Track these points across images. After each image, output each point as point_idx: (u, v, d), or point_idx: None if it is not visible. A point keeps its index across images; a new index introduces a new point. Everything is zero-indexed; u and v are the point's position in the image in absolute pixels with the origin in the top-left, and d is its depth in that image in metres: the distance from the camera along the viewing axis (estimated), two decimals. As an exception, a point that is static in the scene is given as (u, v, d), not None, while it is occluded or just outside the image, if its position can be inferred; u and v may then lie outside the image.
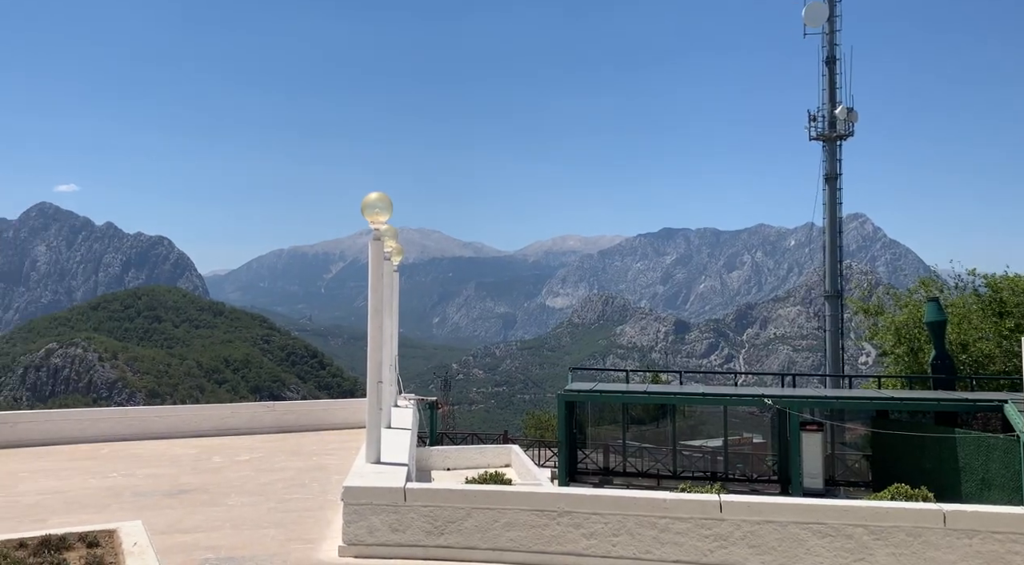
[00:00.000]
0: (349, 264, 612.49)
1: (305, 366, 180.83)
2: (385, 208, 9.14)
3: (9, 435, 13.99)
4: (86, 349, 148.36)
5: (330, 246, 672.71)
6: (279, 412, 16.54)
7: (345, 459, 12.95)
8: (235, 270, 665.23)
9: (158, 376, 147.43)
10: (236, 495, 10.21)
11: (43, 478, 11.29)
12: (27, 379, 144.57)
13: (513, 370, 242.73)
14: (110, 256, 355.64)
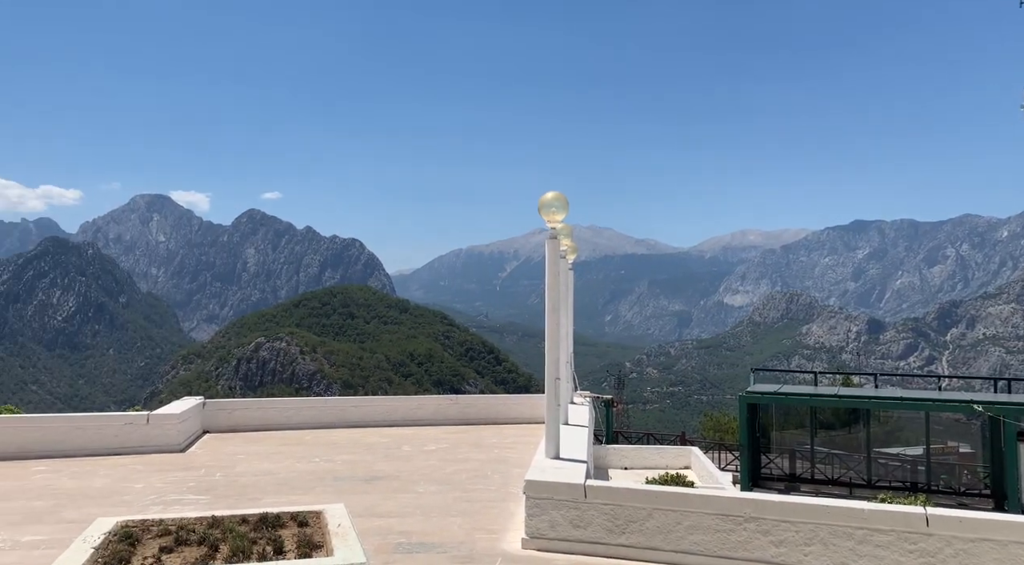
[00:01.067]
0: (522, 263, 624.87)
1: (482, 361, 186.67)
2: (561, 207, 9.24)
3: (227, 421, 15.53)
4: (289, 343, 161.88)
5: (504, 246, 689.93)
6: (461, 405, 17.19)
7: (524, 453, 13.24)
8: (418, 269, 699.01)
9: (351, 368, 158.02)
10: (424, 483, 10.73)
11: (256, 461, 12.44)
12: (240, 370, 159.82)
13: (689, 370, 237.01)
14: (309, 257, 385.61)
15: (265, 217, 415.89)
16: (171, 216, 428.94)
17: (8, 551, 7.38)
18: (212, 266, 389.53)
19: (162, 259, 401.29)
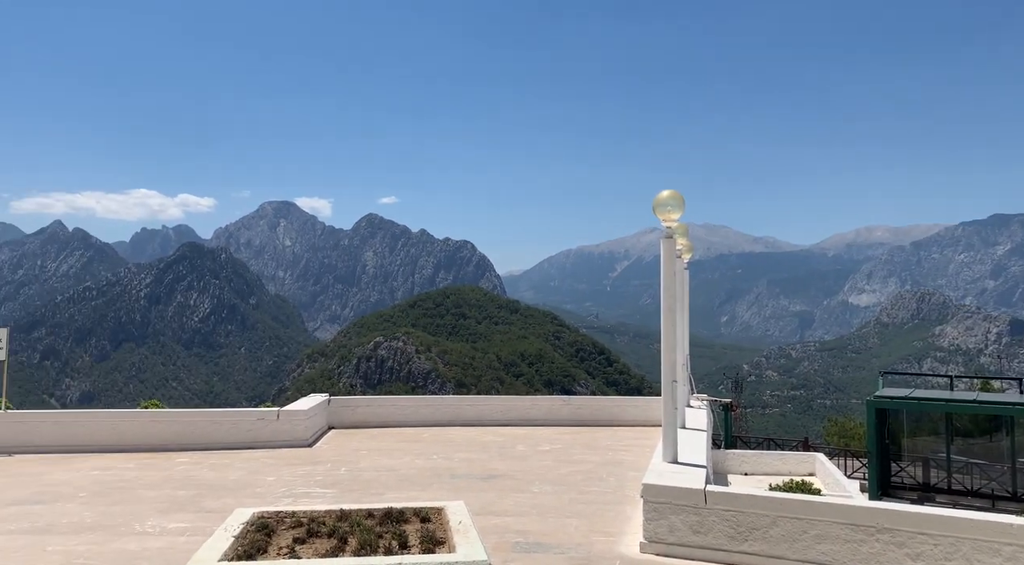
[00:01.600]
0: (633, 263, 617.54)
1: (593, 362, 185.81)
2: (677, 206, 9.07)
3: (350, 417, 16.15)
4: (406, 342, 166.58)
5: (615, 245, 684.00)
6: (574, 406, 17.17)
7: (639, 456, 13.08)
8: (528, 270, 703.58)
9: (464, 368, 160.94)
10: (540, 483, 10.79)
11: (378, 457, 12.87)
12: (360, 368, 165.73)
13: (811, 373, 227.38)
14: (424, 259, 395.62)
15: (382, 221, 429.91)
16: (296, 221, 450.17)
17: (157, 536, 7.95)
18: (334, 269, 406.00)
19: (288, 262, 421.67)
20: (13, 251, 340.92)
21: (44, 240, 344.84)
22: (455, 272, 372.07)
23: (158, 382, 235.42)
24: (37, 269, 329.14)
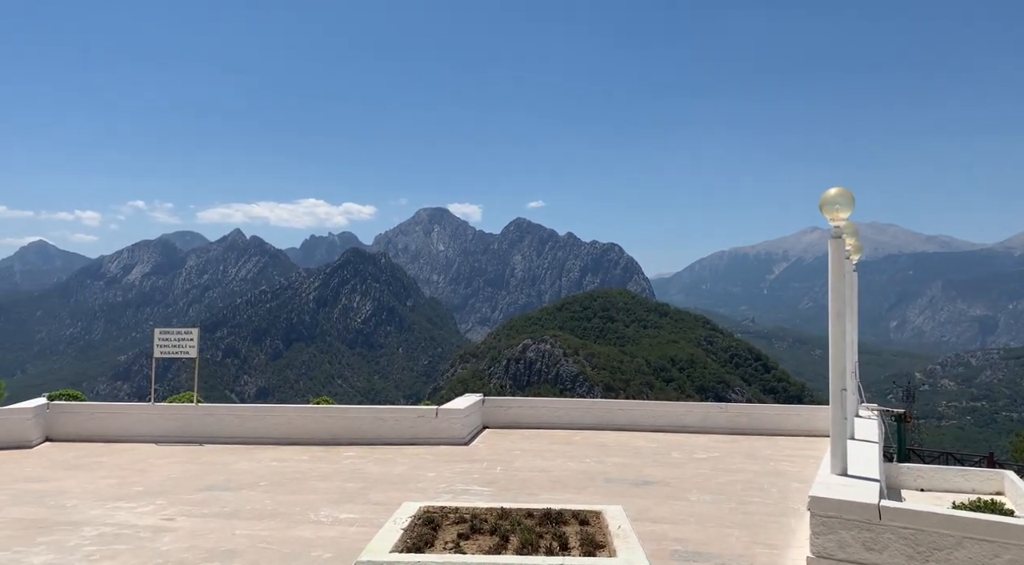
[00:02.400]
0: (792, 264, 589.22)
1: (749, 368, 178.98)
2: (846, 203, 8.57)
3: (504, 418, 16.48)
4: (553, 345, 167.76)
5: (772, 246, 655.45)
6: (731, 413, 16.63)
7: (803, 467, 12.48)
8: (679, 272, 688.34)
9: (612, 372, 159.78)
10: (697, 492, 10.53)
11: (531, 457, 13.05)
12: (509, 369, 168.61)
13: (995, 383, 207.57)
14: (571, 262, 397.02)
15: (530, 225, 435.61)
16: (449, 227, 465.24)
17: (330, 525, 8.46)
18: (484, 272, 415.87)
19: (442, 266, 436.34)
20: (199, 257, 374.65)
21: (225, 247, 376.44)
22: (602, 275, 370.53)
23: (325, 379, 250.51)
24: (220, 274, 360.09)
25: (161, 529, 8.20)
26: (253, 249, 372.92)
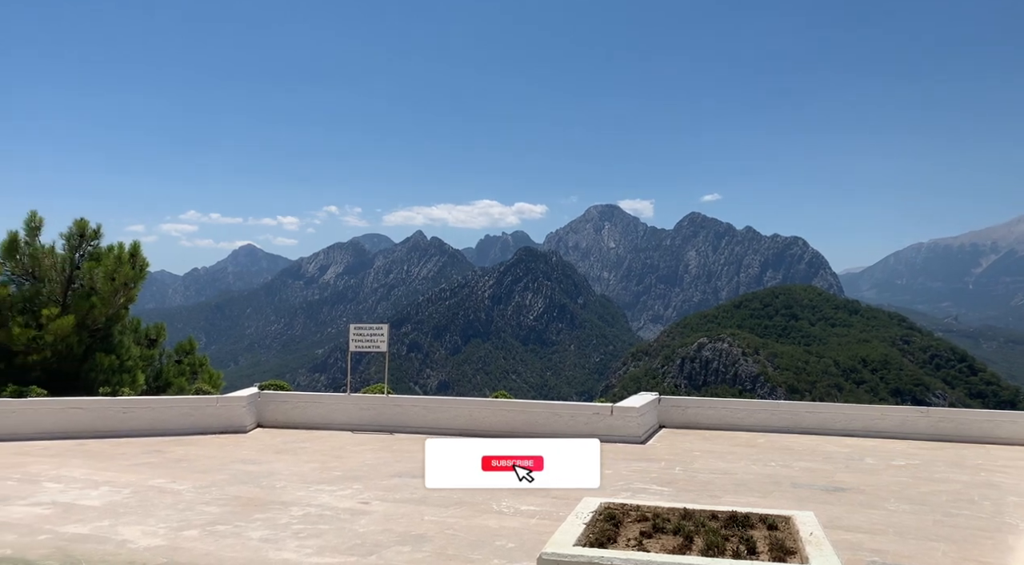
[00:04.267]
0: (1003, 256, 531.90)
1: (951, 370, 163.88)
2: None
3: (680, 417, 16.16)
4: (731, 344, 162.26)
5: (978, 237, 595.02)
6: (934, 419, 15.31)
7: (1020, 479, 11.28)
8: (870, 267, 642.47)
9: (796, 372, 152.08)
10: (895, 501, 9.80)
11: (712, 459, 12.70)
12: (684, 368, 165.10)
13: None
14: (750, 258, 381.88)
15: (705, 219, 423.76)
16: (620, 224, 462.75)
17: (512, 516, 8.70)
18: (656, 269, 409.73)
19: (612, 264, 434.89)
20: (386, 258, 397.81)
21: (409, 248, 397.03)
22: (784, 270, 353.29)
23: (500, 374, 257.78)
24: (404, 273, 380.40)
25: (358, 512, 8.80)
26: (433, 249, 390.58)
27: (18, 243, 15.98)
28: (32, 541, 7.46)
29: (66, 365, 15.94)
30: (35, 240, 16.18)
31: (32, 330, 15.17)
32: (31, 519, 8.29)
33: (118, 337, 17.06)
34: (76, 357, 16.02)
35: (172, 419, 14.50)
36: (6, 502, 9.03)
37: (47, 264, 16.10)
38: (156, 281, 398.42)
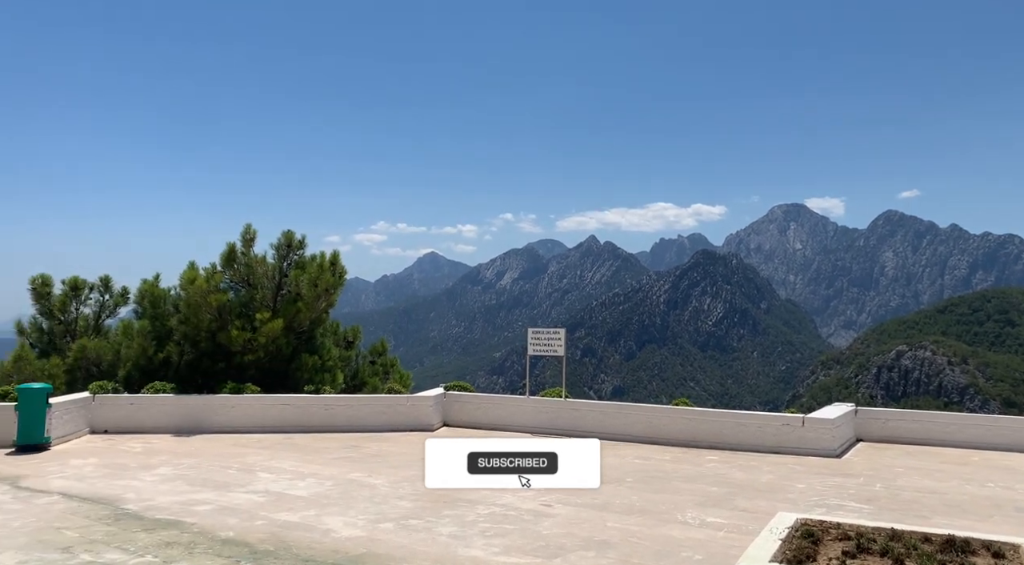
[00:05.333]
0: None
1: None
2: None
3: (880, 431, 14.98)
4: (934, 352, 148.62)
5: None
6: None
7: None
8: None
9: (1014, 384, 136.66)
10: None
11: (917, 476, 11.67)
12: (880, 378, 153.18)
13: None
14: (955, 258, 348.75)
15: (903, 217, 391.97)
16: (807, 224, 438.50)
17: (697, 527, 8.45)
18: (848, 271, 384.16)
19: (799, 266, 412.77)
20: (559, 263, 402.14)
21: (582, 253, 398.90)
22: (998, 272, 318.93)
23: (677, 381, 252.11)
24: (577, 278, 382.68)
25: (541, 514, 8.91)
26: (606, 254, 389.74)
27: (235, 253, 17.70)
28: (251, 526, 8.21)
29: (276, 365, 17.43)
30: (250, 251, 17.84)
31: (247, 333, 16.73)
32: (249, 506, 9.13)
33: (320, 339, 18.42)
34: (284, 357, 17.47)
35: (368, 416, 15.44)
36: (228, 489, 10.01)
37: (260, 272, 17.71)
38: (351, 287, 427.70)
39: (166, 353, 16.97)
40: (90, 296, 18.22)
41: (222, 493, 9.72)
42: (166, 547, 7.35)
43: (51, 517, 8.47)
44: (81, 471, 11.12)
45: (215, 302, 16.61)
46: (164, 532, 7.89)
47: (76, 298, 18.08)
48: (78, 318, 18.01)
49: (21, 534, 7.80)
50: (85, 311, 18.22)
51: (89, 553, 7.13)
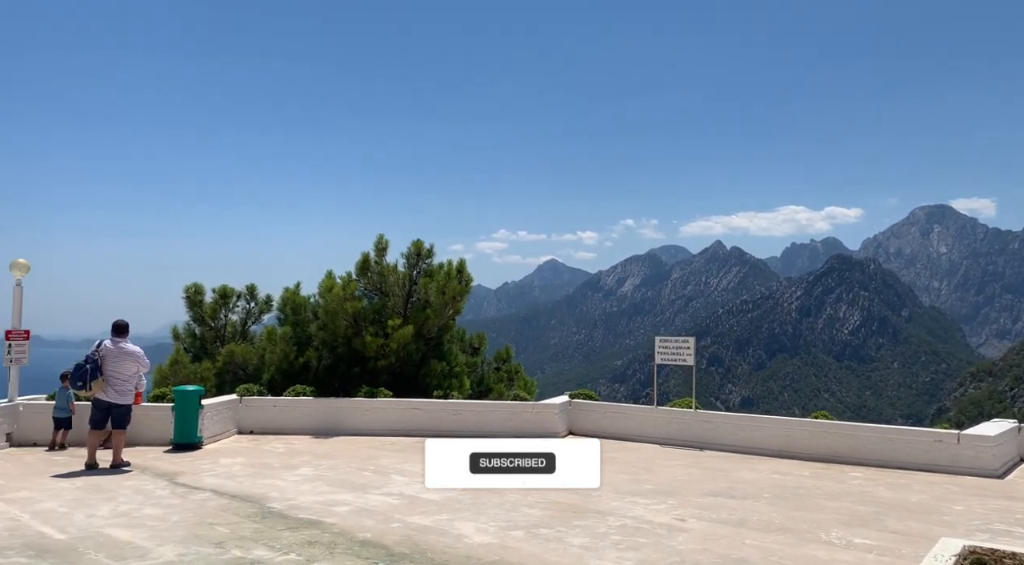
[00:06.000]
0: None
1: None
2: None
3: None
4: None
5: None
6: None
7: None
8: None
9: None
10: None
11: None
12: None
13: None
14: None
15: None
16: (952, 226, 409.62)
17: (843, 548, 7.95)
18: (1001, 276, 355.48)
19: (944, 271, 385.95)
20: (683, 270, 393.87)
21: (707, 259, 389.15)
22: None
23: (811, 392, 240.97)
24: (702, 284, 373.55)
25: (674, 528, 8.65)
26: (733, 260, 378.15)
27: (369, 263, 18.35)
28: (386, 528, 8.42)
29: (406, 370, 17.91)
30: (382, 260, 18.45)
31: (380, 339, 17.28)
32: (385, 508, 9.38)
33: (448, 345, 18.79)
34: (414, 363, 17.93)
35: (494, 422, 15.58)
36: (365, 491, 10.33)
37: (391, 280, 18.28)
38: (472, 294, 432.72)
39: (306, 358, 17.78)
40: (237, 303, 19.41)
41: (359, 494, 10.04)
42: (308, 546, 7.64)
43: (204, 513, 9.00)
44: (230, 470, 11.79)
45: (351, 309, 17.27)
46: (306, 531, 8.22)
47: (225, 305, 19.29)
48: (226, 324, 19.21)
49: (179, 528, 8.33)
50: (232, 318, 19.39)
51: (239, 549, 7.51)
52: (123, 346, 11.81)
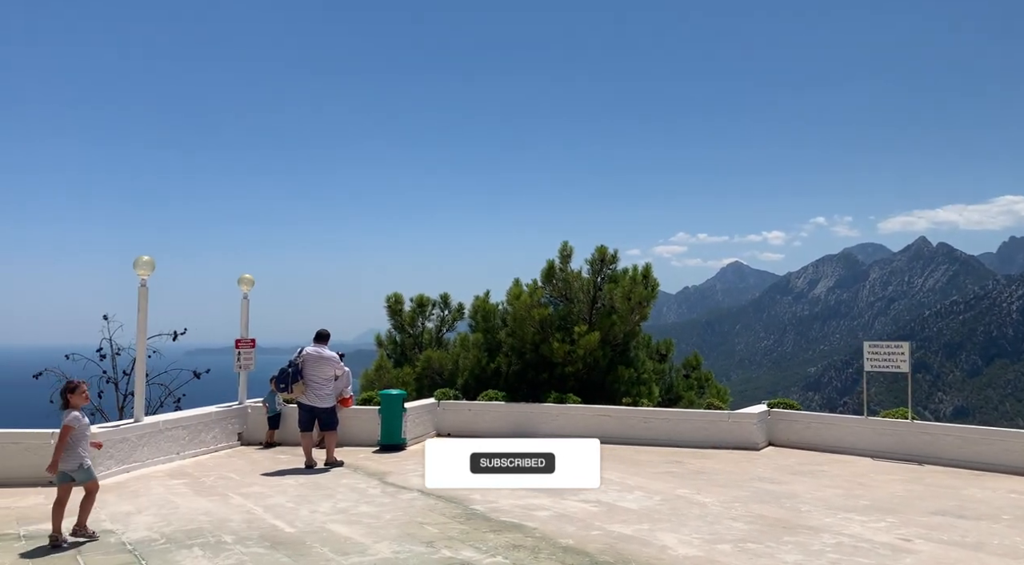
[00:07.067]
0: None
1: None
2: None
3: None
4: None
5: None
6: None
7: None
8: None
9: None
10: None
11: None
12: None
13: None
14: None
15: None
16: None
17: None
18: None
19: None
20: (882, 269, 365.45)
21: (910, 257, 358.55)
22: None
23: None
24: (904, 285, 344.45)
25: (899, 549, 7.94)
26: (940, 257, 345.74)
27: (554, 270, 18.55)
28: (587, 535, 8.39)
29: (593, 376, 17.88)
30: (567, 266, 18.59)
31: (567, 345, 17.39)
32: (583, 514, 9.36)
33: (634, 352, 18.57)
34: (601, 369, 17.87)
35: (687, 431, 15.16)
36: (562, 496, 10.37)
37: (576, 287, 18.36)
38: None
39: (496, 363, 18.26)
40: (432, 311, 20.32)
41: (556, 500, 10.10)
42: (513, 549, 7.76)
43: (413, 512, 9.43)
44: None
45: (537, 316, 17.53)
46: (509, 534, 8.36)
47: (422, 313, 20.26)
48: (423, 331, 20.17)
49: (392, 526, 8.77)
50: (428, 325, 20.32)
51: (448, 549, 7.78)
52: (322, 352, 12.72)
